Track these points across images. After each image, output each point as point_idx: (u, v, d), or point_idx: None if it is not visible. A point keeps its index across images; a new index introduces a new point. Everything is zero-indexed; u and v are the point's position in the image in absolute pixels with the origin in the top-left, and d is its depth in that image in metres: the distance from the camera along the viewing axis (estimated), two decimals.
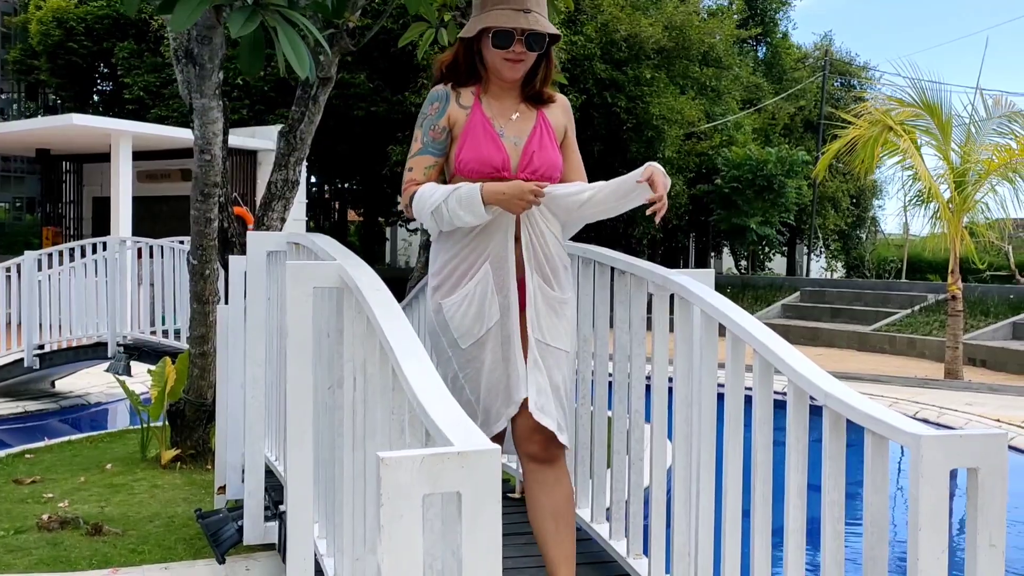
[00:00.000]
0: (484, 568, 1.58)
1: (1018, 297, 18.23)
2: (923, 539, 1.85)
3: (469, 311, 2.68)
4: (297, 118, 6.96)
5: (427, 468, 1.55)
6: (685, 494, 2.78)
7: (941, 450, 1.86)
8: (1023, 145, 13.26)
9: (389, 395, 2.16)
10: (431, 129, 2.78)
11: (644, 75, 20.14)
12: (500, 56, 2.70)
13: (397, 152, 19.74)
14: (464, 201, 2.62)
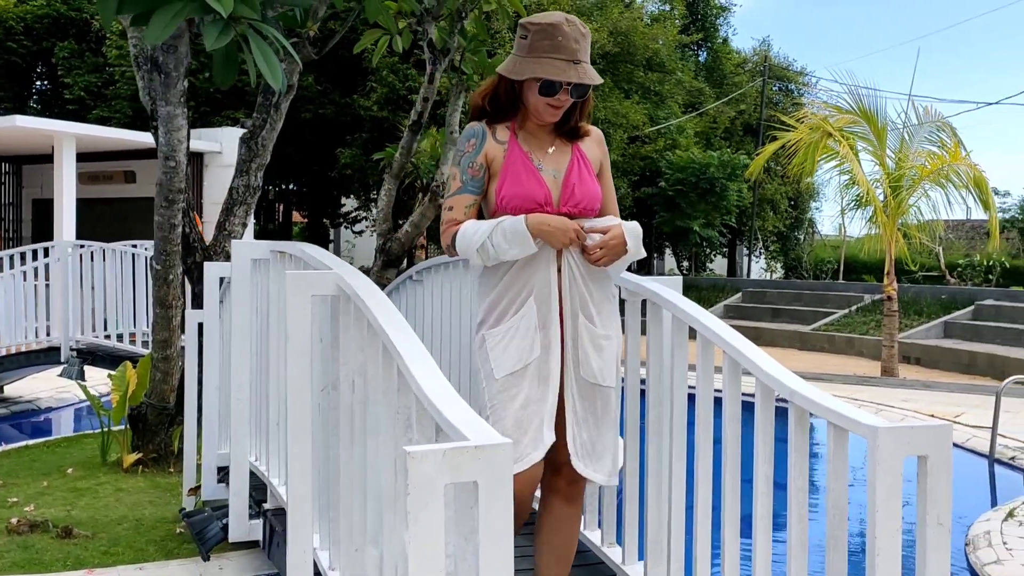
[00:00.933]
0: (499, 549, 1.76)
1: (949, 297, 18.89)
2: (880, 520, 2.08)
3: (511, 344, 2.65)
4: (259, 124, 7.06)
5: (448, 460, 1.73)
6: (657, 486, 2.99)
7: (895, 440, 2.09)
8: (954, 152, 13.80)
9: (393, 396, 2.32)
10: (469, 167, 2.74)
11: None
12: (543, 102, 2.68)
13: (346, 155, 19.77)
14: (509, 234, 2.61)
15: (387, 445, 2.37)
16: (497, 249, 2.62)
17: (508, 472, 1.78)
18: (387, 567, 2.42)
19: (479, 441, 1.77)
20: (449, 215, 2.76)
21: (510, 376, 2.64)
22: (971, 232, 32.98)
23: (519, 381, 2.64)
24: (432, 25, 8.36)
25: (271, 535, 3.84)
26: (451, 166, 2.80)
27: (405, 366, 2.15)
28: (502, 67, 2.73)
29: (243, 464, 3.95)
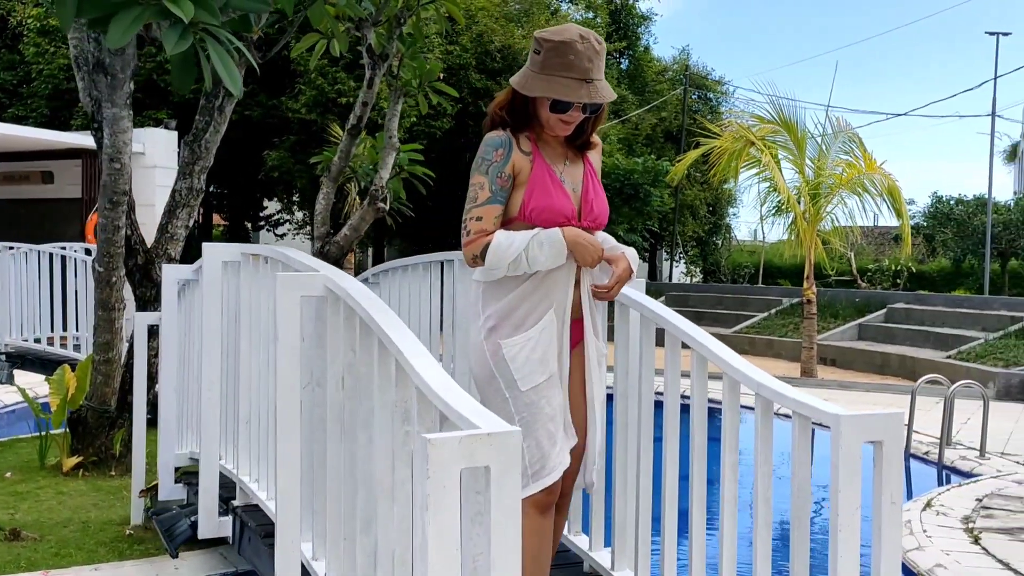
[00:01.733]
0: (509, 528, 1.92)
1: (863, 300, 19.61)
2: (842, 499, 2.29)
3: (533, 355, 2.67)
4: (202, 127, 7.06)
5: (464, 447, 1.87)
6: (623, 477, 3.17)
7: (855, 427, 2.30)
8: (870, 162, 14.38)
9: (390, 390, 2.45)
10: (498, 177, 2.71)
11: None
12: (556, 118, 2.69)
13: (273, 157, 19.62)
14: (547, 246, 2.64)
15: (382, 437, 2.50)
16: (531, 261, 2.64)
17: (517, 458, 1.94)
18: (381, 553, 2.55)
19: (491, 429, 1.92)
20: (478, 225, 2.70)
21: (536, 388, 2.65)
22: (879, 238, 34.18)
23: (545, 392, 2.66)
24: (371, 30, 8.45)
25: (242, 531, 3.91)
26: (476, 174, 2.71)
27: (407, 361, 2.28)
28: (515, 80, 2.73)
29: (213, 462, 4.02)
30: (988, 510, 6.58)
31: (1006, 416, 10.85)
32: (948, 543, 5.73)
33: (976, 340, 15.11)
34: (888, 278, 27.30)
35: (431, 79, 9.40)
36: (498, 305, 2.73)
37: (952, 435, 9.05)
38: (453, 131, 20.31)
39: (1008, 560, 5.38)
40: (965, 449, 8.78)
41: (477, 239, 2.70)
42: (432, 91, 9.43)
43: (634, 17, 32.17)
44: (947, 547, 5.64)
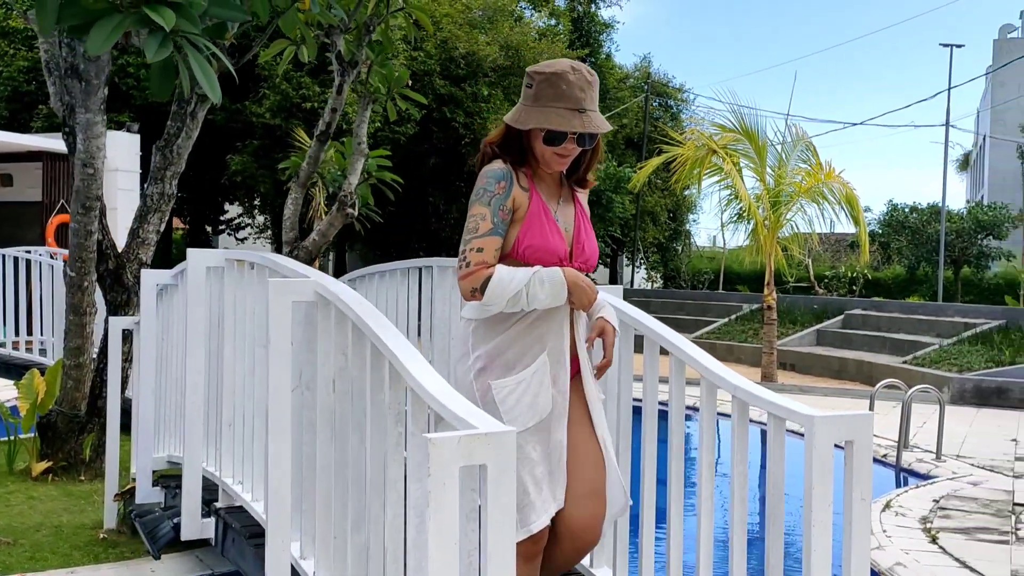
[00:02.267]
0: (504, 522, 2.01)
1: (820, 307, 19.96)
2: (815, 495, 2.41)
3: (523, 399, 2.62)
4: (173, 133, 7.08)
5: (463, 446, 1.97)
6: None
7: (828, 427, 2.43)
8: (828, 171, 14.67)
9: (382, 393, 2.54)
10: (500, 209, 2.64)
11: (482, 92, 20.83)
12: (551, 151, 2.66)
13: (236, 161, 19.55)
14: (547, 285, 2.60)
15: (375, 439, 2.59)
16: (531, 298, 2.59)
17: (512, 457, 2.03)
18: (373, 551, 2.63)
19: (487, 429, 2.02)
20: (479, 256, 2.62)
21: (524, 433, 2.60)
22: (835, 245, 34.72)
23: (533, 437, 2.62)
24: (340, 37, 8.52)
25: (225, 532, 3.97)
26: (478, 205, 2.64)
27: (401, 364, 2.37)
28: (509, 116, 2.69)
29: (197, 464, 4.06)
30: (945, 511, 6.79)
31: (960, 420, 11.14)
32: (907, 543, 5.92)
33: (931, 346, 15.46)
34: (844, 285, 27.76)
35: (400, 86, 9.49)
36: (488, 346, 2.66)
37: (909, 438, 9.29)
38: (417, 137, 20.36)
39: (964, 558, 5.57)
40: (922, 452, 9.02)
41: (477, 271, 2.61)
42: (400, 98, 9.52)
43: (596, 25, 32.44)
44: (906, 546, 5.82)
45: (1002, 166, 47.65)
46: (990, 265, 30.72)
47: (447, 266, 4.36)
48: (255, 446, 3.63)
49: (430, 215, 22.85)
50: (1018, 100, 46.14)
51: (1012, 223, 30.36)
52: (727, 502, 2.74)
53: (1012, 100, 47.32)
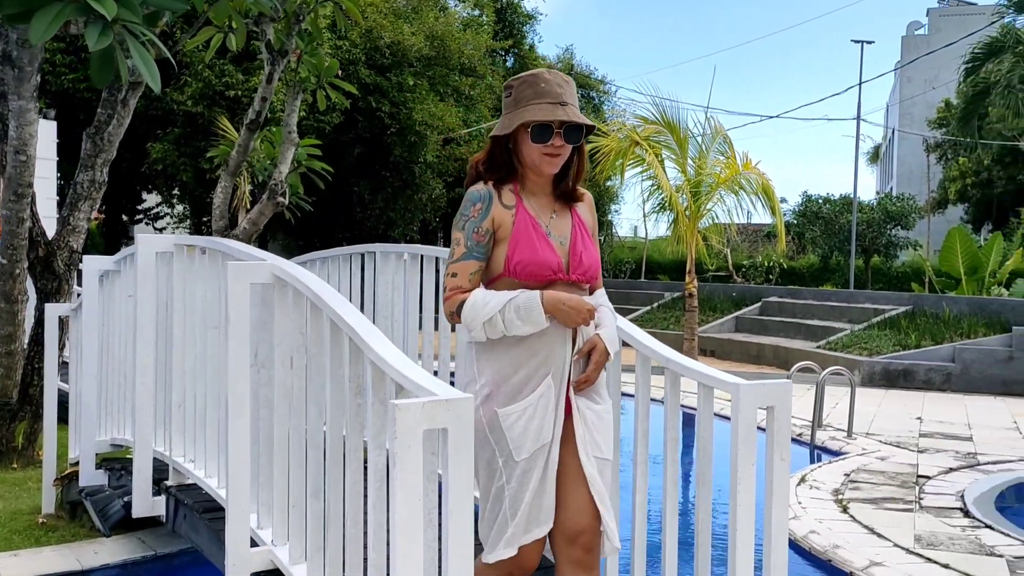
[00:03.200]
0: (463, 481, 2.20)
1: (739, 294, 20.54)
2: (741, 456, 2.65)
3: (530, 425, 2.60)
4: (104, 120, 7.07)
5: (426, 411, 2.15)
6: None
7: (752, 394, 2.68)
8: (747, 162, 15.14)
9: (342, 367, 2.71)
10: (475, 232, 2.64)
11: (407, 81, 20.85)
12: (539, 151, 2.63)
13: (157, 149, 19.26)
14: (523, 312, 2.57)
15: (335, 410, 2.75)
16: (508, 324, 2.57)
17: (470, 421, 2.22)
18: (332, 515, 2.80)
19: (448, 396, 2.21)
20: (453, 281, 2.66)
21: (528, 459, 2.60)
22: (752, 235, 35.61)
23: (536, 461, 2.61)
24: (270, 26, 8.56)
25: (176, 509, 4.07)
26: (455, 230, 2.67)
27: (361, 339, 2.54)
28: (495, 130, 2.70)
29: (148, 445, 4.16)
30: (855, 483, 7.19)
31: (870, 401, 11.69)
32: (821, 512, 6.28)
33: (843, 331, 16.08)
34: (761, 273, 28.52)
35: (330, 75, 9.57)
36: (493, 371, 2.64)
37: (823, 418, 9.75)
38: (342, 126, 20.29)
39: (872, 526, 5.95)
40: (835, 431, 9.47)
41: (452, 296, 2.66)
42: (330, 87, 9.60)
43: (519, 15, 32.64)
44: (820, 516, 6.18)
45: (909, 159, 49.38)
46: (898, 254, 31.90)
47: (390, 252, 4.51)
48: (207, 425, 3.75)
49: (355, 205, 22.78)
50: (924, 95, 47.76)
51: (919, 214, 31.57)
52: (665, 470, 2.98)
53: (919, 95, 48.97)
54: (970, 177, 34.94)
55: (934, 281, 21.38)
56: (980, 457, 8.29)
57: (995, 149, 29.85)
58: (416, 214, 23.34)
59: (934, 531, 5.88)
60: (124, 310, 4.62)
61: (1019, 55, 18.57)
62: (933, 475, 7.53)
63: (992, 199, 34.86)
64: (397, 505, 2.14)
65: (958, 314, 15.20)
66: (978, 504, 6.64)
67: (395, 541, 2.14)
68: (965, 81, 20.16)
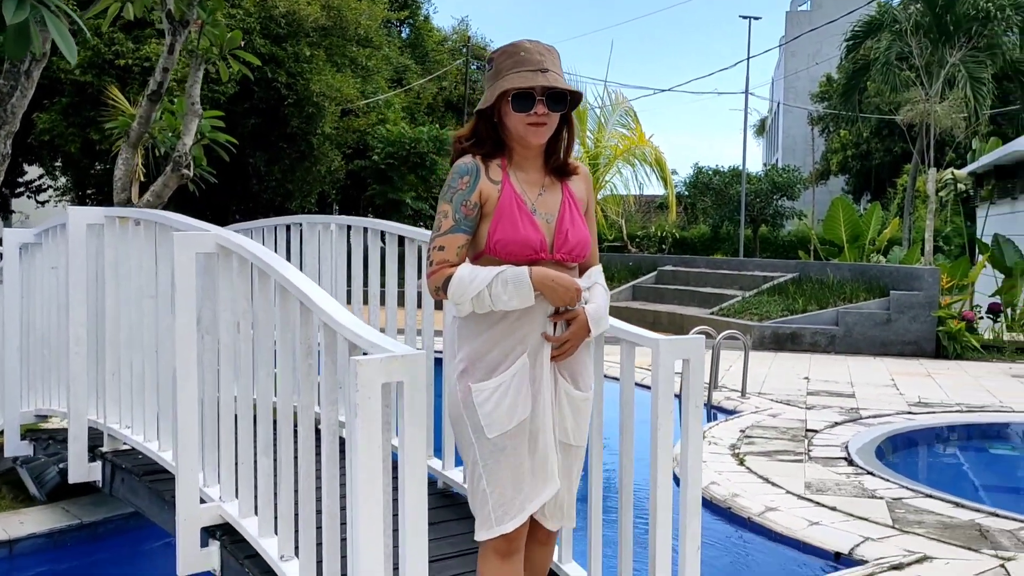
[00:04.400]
0: (418, 430, 2.42)
1: (635, 264, 21.11)
2: (660, 404, 2.94)
3: (503, 402, 2.56)
4: (7, 91, 6.93)
5: (384, 366, 2.36)
6: None
7: (670, 348, 2.96)
8: (640, 135, 15.60)
9: (292, 330, 2.88)
10: (463, 205, 2.57)
11: (303, 52, 20.62)
12: (523, 121, 2.56)
13: (44, 120, 18.64)
14: (511, 286, 2.51)
15: (285, 371, 2.92)
16: (495, 299, 2.52)
17: (423, 375, 2.45)
18: (283, 469, 2.97)
19: (402, 352, 2.42)
20: (440, 255, 2.59)
21: (503, 435, 2.57)
22: (645, 206, 36.44)
23: (512, 440, 2.57)
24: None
25: (113, 474, 4.16)
26: (442, 202, 2.60)
27: (312, 302, 2.72)
28: (479, 105, 2.65)
29: (82, 413, 4.23)
30: (750, 438, 7.66)
31: (761, 363, 12.30)
32: (720, 465, 6.70)
33: (734, 298, 16.76)
34: (655, 243, 29.32)
35: (232, 46, 9.52)
36: (471, 347, 2.61)
37: (719, 380, 10.26)
38: (237, 97, 19.97)
39: (766, 475, 6.39)
40: (729, 391, 9.99)
41: (439, 270, 2.59)
42: (233, 59, 9.55)
43: None
44: (719, 468, 6.60)
45: (794, 131, 51.11)
46: (784, 224, 33.19)
47: (316, 223, 4.65)
48: (146, 392, 3.86)
49: (250, 177, 22.48)
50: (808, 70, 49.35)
51: (803, 184, 32.85)
52: None
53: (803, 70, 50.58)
54: (851, 149, 36.44)
55: (818, 249, 22.37)
56: (862, 412, 8.89)
57: (873, 122, 31.21)
58: (314, 186, 23.18)
59: (822, 478, 6.35)
60: (47, 282, 4.64)
61: (896, 33, 19.52)
62: (820, 429, 8.06)
63: (871, 170, 36.45)
64: (358, 451, 2.35)
65: (841, 280, 16.01)
66: (860, 454, 7.16)
67: (357, 484, 2.35)
68: (846, 58, 21.07)
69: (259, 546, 3.08)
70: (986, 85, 18.44)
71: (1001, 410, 9.20)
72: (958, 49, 18.45)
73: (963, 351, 13.46)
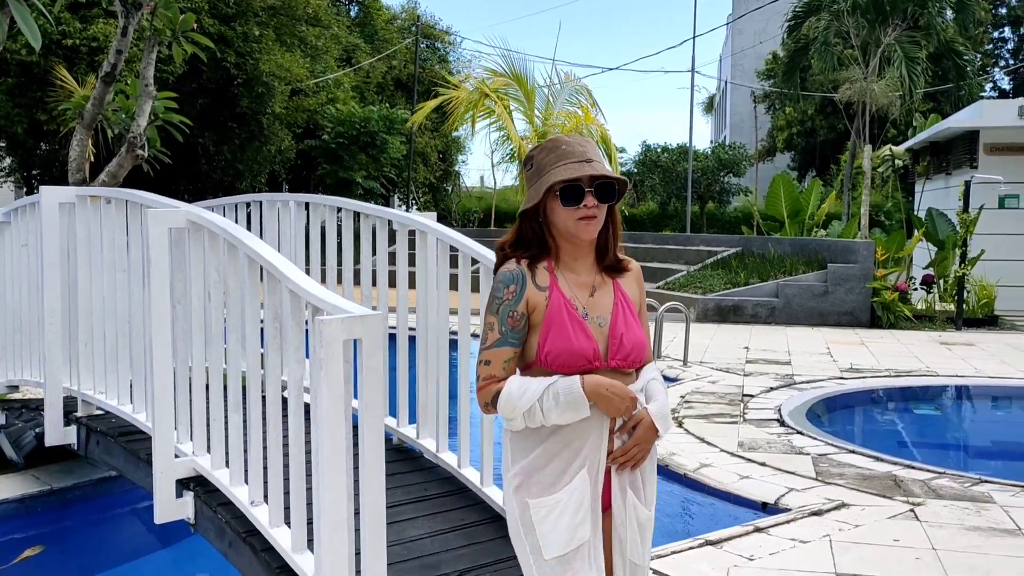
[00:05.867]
0: (376, 382, 2.74)
1: None
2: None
3: (560, 522, 2.39)
4: None
5: (345, 324, 2.68)
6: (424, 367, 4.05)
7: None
8: (586, 112, 15.95)
9: (259, 297, 3.17)
10: (509, 316, 2.42)
11: (252, 32, 20.63)
12: (573, 216, 2.41)
13: None
14: (563, 399, 2.35)
15: (254, 335, 3.22)
16: (546, 414, 2.36)
17: (380, 334, 2.76)
18: (253, 424, 3.28)
19: (361, 312, 2.73)
20: (486, 370, 2.44)
21: (562, 559, 2.39)
22: None
23: (569, 564, 2.39)
24: None
25: (88, 437, 4.43)
26: (488, 314, 2.46)
27: (279, 272, 3.02)
28: (522, 206, 2.50)
29: (58, 380, 4.47)
30: (689, 403, 8.09)
31: (704, 334, 12.77)
32: None
33: (680, 272, 17.24)
34: None
35: (185, 29, 9.66)
36: (525, 461, 2.44)
37: (662, 350, 10.70)
38: (186, 76, 19.95)
39: (703, 436, 6.81)
40: (672, 360, 10.43)
41: (486, 385, 2.44)
42: (186, 40, 9.70)
43: None
44: None
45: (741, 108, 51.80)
46: (731, 200, 33.84)
47: (275, 201, 4.93)
48: (120, 359, 4.13)
49: (199, 157, 22.46)
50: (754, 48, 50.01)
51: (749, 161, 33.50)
52: None
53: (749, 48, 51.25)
54: (796, 126, 37.13)
55: (761, 224, 22.95)
56: (796, 378, 9.38)
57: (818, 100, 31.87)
58: (264, 166, 23.21)
59: (755, 438, 6.79)
60: (17, 259, 4.87)
61: (834, 14, 20.07)
62: (756, 394, 8.52)
63: (815, 147, 37.19)
64: (323, 398, 2.66)
65: (782, 254, 16.56)
66: (792, 416, 7.62)
67: (321, 430, 2.66)
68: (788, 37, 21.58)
69: (231, 494, 3.38)
70: (920, 64, 19.09)
71: (926, 374, 9.74)
72: (894, 29, 19.04)
73: (896, 321, 14.06)
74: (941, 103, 25.93)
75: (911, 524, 4.90)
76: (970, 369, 10.06)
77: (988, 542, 4.65)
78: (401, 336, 4.27)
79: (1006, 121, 16.44)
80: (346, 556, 2.79)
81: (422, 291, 4.06)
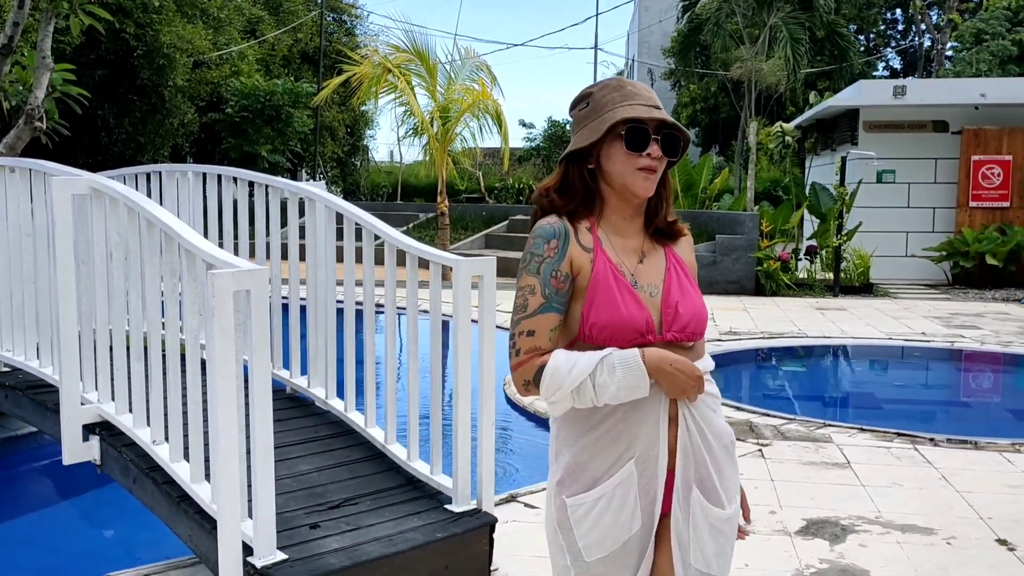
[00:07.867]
0: (262, 333, 3.13)
1: (488, 214, 21.98)
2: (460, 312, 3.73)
3: (603, 518, 2.07)
4: None
5: (235, 277, 3.07)
6: (315, 320, 4.45)
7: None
8: (484, 89, 16.38)
9: (156, 256, 3.53)
10: (552, 276, 2.05)
11: (152, 2, 20.44)
12: (633, 165, 2.07)
13: None
14: (620, 372, 1.98)
15: (152, 291, 3.57)
16: (599, 391, 2.00)
17: (265, 285, 3.16)
18: (154, 372, 3.64)
19: (249, 267, 3.12)
20: (529, 341, 2.05)
21: (602, 560, 2.08)
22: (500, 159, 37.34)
23: (612, 564, 2.09)
24: None
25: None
26: (525, 274, 2.09)
27: (174, 232, 3.38)
28: (570, 148, 2.15)
29: None
30: None
31: None
32: None
33: None
34: (512, 195, 30.27)
35: (83, 2, 9.75)
36: (569, 455, 2.11)
37: None
38: (83, 47, 19.68)
39: None
40: None
41: (528, 360, 2.05)
42: (84, 13, 9.78)
43: None
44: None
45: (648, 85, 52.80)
46: None
47: (174, 171, 5.24)
48: (26, 317, 4.42)
49: (99, 129, 22.18)
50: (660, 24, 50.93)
51: None
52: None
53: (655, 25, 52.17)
54: (699, 103, 38.16)
55: None
56: None
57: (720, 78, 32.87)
58: (167, 139, 23.03)
59: None
60: None
61: None
62: None
63: (719, 123, 38.28)
64: (216, 343, 3.05)
65: None
66: None
67: (215, 370, 3.05)
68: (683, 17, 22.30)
69: (134, 435, 3.74)
70: (804, 45, 20.01)
71: (797, 336, 10.50)
72: (779, 11, 19.91)
73: (779, 289, 14.90)
74: (836, 81, 27.10)
75: (756, 461, 5.51)
76: (837, 331, 10.86)
77: (818, 474, 5.28)
78: (293, 300, 4.66)
79: (883, 100, 17.41)
80: (238, 482, 3.19)
81: (311, 252, 4.45)
